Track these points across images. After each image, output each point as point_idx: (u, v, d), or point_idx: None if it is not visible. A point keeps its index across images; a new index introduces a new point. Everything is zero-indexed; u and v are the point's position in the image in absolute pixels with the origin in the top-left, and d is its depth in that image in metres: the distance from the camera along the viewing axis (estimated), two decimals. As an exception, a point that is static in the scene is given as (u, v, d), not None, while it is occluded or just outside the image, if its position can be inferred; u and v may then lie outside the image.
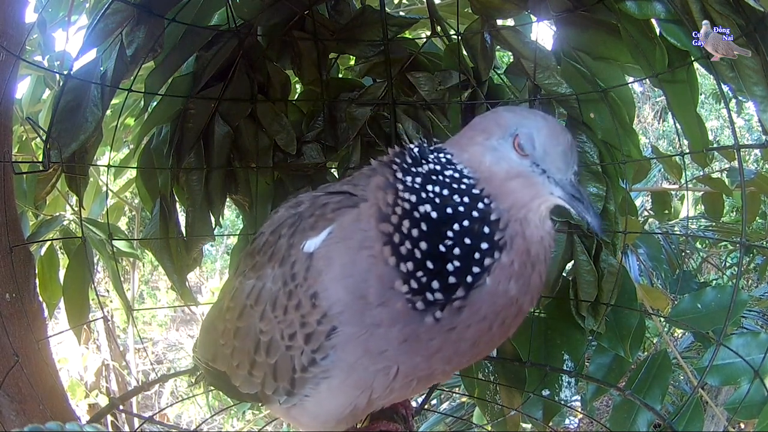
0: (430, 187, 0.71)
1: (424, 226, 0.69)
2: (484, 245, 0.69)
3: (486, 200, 0.71)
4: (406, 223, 0.70)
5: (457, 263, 0.68)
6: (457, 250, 0.68)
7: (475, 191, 0.71)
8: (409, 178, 0.73)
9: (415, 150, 0.77)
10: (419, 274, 0.68)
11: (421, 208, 0.70)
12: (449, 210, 0.70)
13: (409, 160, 0.75)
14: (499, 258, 0.69)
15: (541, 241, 0.73)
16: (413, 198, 0.71)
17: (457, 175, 0.72)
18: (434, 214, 0.69)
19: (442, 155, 0.75)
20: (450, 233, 0.69)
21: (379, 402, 0.83)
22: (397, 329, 0.70)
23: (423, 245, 0.68)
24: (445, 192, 0.71)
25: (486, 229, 0.69)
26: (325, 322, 0.73)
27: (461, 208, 0.70)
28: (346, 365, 0.75)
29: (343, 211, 0.77)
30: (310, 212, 0.82)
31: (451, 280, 0.68)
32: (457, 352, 0.73)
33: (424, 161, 0.75)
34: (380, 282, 0.70)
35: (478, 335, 0.72)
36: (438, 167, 0.74)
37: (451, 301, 0.69)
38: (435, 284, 0.68)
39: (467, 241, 0.69)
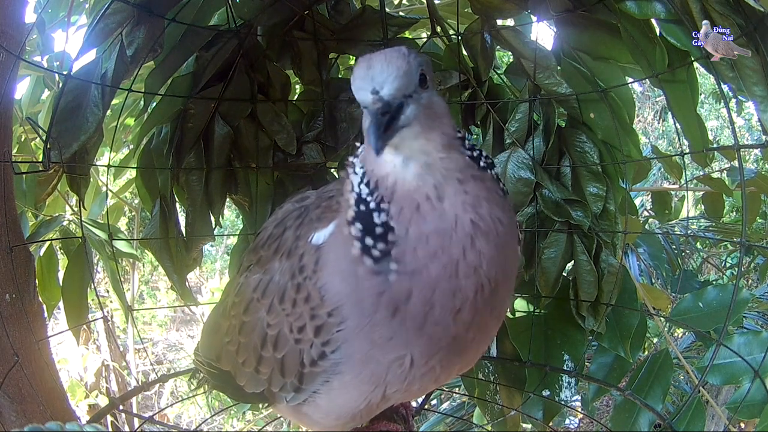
0: (350, 170, 0.75)
1: (355, 209, 0.73)
2: (372, 205, 0.71)
3: (363, 174, 0.73)
4: (350, 212, 0.73)
5: (376, 219, 0.71)
6: (374, 215, 0.71)
7: (358, 171, 0.74)
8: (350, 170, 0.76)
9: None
10: (358, 243, 0.71)
11: (355, 190, 0.73)
12: (359, 195, 0.73)
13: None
14: (389, 213, 0.70)
15: (417, 185, 0.70)
16: (348, 187, 0.75)
17: (353, 168, 0.76)
18: (357, 204, 0.72)
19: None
20: (362, 207, 0.72)
21: (398, 396, 0.82)
22: (376, 301, 0.70)
23: (358, 225, 0.72)
24: (358, 170, 0.74)
25: (374, 198, 0.71)
26: (336, 313, 0.73)
27: (355, 188, 0.73)
28: (357, 359, 0.75)
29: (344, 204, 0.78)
30: (317, 204, 0.83)
31: (376, 230, 0.70)
32: (446, 292, 0.70)
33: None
34: (355, 268, 0.71)
35: (446, 270, 0.69)
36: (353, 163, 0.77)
37: (388, 245, 0.70)
38: (368, 240, 0.70)
39: (372, 205, 0.71)
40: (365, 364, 0.75)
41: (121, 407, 1.41)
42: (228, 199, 1.55)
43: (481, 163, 0.75)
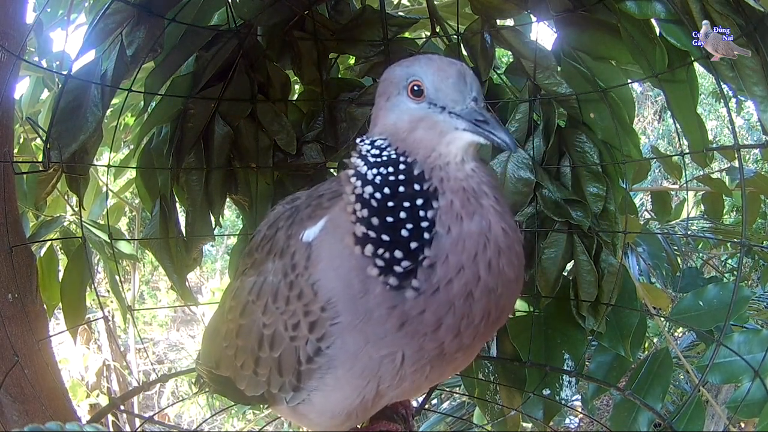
0: (365, 170, 0.74)
1: (372, 204, 0.72)
2: (420, 200, 0.71)
3: (403, 158, 0.73)
4: (358, 208, 0.72)
5: (409, 226, 0.70)
6: (402, 214, 0.70)
7: (393, 156, 0.74)
8: (352, 173, 0.75)
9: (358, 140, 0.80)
10: (380, 251, 0.70)
11: (366, 190, 0.72)
12: (385, 184, 0.72)
13: (358, 148, 0.78)
14: (438, 205, 0.71)
15: (467, 179, 0.73)
16: (359, 183, 0.74)
17: (376, 150, 0.75)
18: (377, 194, 0.72)
19: (366, 138, 0.78)
20: (391, 203, 0.71)
21: (392, 393, 0.82)
22: (386, 312, 0.70)
23: (375, 221, 0.71)
24: (374, 170, 0.73)
25: (416, 186, 0.71)
26: (329, 308, 0.74)
27: (391, 177, 0.72)
28: (349, 354, 0.75)
29: (335, 201, 0.78)
30: (307, 203, 0.84)
31: (410, 243, 0.69)
32: (459, 313, 0.71)
33: (361, 149, 0.77)
34: (357, 271, 0.71)
35: (466, 286, 0.70)
36: (365, 149, 0.76)
37: (420, 263, 0.69)
38: (398, 254, 0.69)
39: (406, 204, 0.71)
40: (357, 358, 0.75)
41: (121, 407, 1.41)
42: (228, 199, 1.56)
43: None
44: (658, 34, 1.17)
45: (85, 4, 1.99)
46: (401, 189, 0.71)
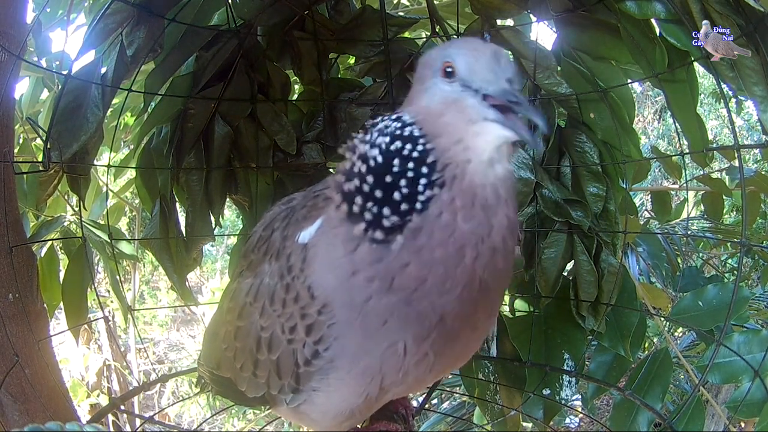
0: (378, 139, 0.73)
1: (372, 163, 0.71)
2: (424, 180, 0.70)
3: (423, 141, 0.72)
4: (355, 168, 0.72)
5: (403, 191, 0.70)
6: (402, 181, 0.70)
7: (416, 133, 0.72)
8: (367, 137, 0.75)
9: (377, 119, 0.79)
10: (369, 203, 0.70)
11: (370, 153, 0.72)
12: (392, 152, 0.71)
13: (369, 126, 0.77)
14: (439, 194, 0.70)
15: (491, 187, 0.71)
16: (364, 148, 0.73)
17: (399, 124, 0.74)
18: (380, 157, 0.71)
19: (394, 115, 0.77)
20: (394, 169, 0.71)
21: (396, 388, 0.81)
22: (374, 270, 0.70)
23: (370, 179, 0.71)
24: (388, 139, 0.73)
25: (424, 169, 0.71)
26: (326, 311, 0.73)
27: (404, 151, 0.71)
28: (350, 353, 0.75)
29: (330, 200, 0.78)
30: (302, 204, 0.83)
31: (401, 204, 0.69)
32: (440, 273, 0.70)
33: (380, 121, 0.77)
34: (345, 245, 0.71)
35: (449, 259, 0.70)
36: (387, 122, 0.75)
37: (406, 222, 0.69)
38: (386, 210, 0.69)
39: (410, 174, 0.70)
40: (359, 357, 0.75)
41: (122, 407, 1.41)
42: (228, 199, 1.56)
43: None
44: (658, 34, 1.17)
45: (84, 3, 1.99)
46: (410, 165, 0.70)
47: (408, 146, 0.72)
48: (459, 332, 0.76)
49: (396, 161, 0.71)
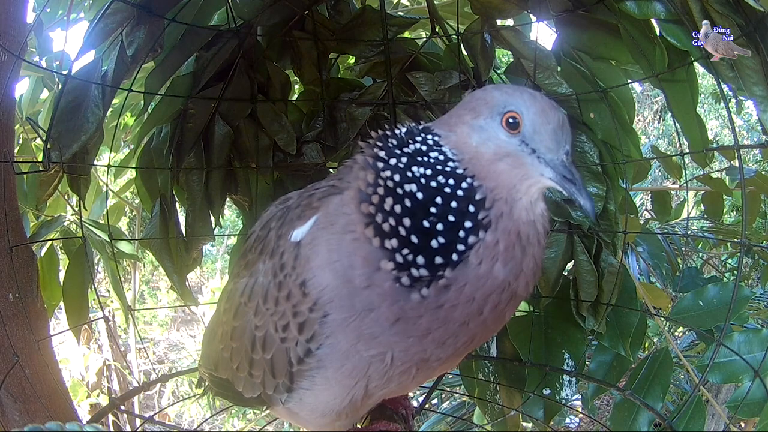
0: (415, 168, 0.71)
1: (408, 203, 0.69)
2: (468, 223, 0.68)
3: (470, 180, 0.70)
4: (389, 201, 0.69)
5: (441, 239, 0.68)
6: (440, 226, 0.68)
7: (460, 171, 0.71)
8: (393, 160, 0.72)
9: (402, 131, 0.76)
10: (404, 250, 0.68)
11: (406, 187, 0.70)
12: (433, 189, 0.69)
13: (394, 141, 0.75)
14: (483, 237, 0.68)
15: (533, 224, 0.71)
16: (396, 177, 0.70)
17: (442, 157, 0.72)
18: (419, 194, 0.69)
19: (429, 136, 0.75)
20: (434, 210, 0.68)
21: (379, 393, 0.82)
22: (386, 307, 0.69)
23: (407, 221, 0.68)
24: (429, 172, 0.70)
25: (471, 208, 0.69)
26: (317, 309, 0.73)
27: (447, 189, 0.69)
28: (340, 353, 0.75)
29: (328, 198, 0.77)
30: (297, 203, 0.84)
31: (436, 256, 0.68)
32: (448, 333, 0.72)
33: (410, 141, 0.74)
34: (365, 263, 0.70)
35: (467, 316, 0.70)
36: (424, 148, 0.73)
37: (437, 278, 0.68)
38: (420, 260, 0.68)
39: (451, 218, 0.68)
40: (348, 357, 0.75)
41: (122, 407, 1.41)
42: (228, 199, 1.56)
43: None
44: (658, 34, 1.17)
45: (84, 3, 1.99)
46: (453, 204, 0.68)
47: (451, 182, 0.70)
48: (446, 357, 0.78)
49: (438, 199, 0.69)
